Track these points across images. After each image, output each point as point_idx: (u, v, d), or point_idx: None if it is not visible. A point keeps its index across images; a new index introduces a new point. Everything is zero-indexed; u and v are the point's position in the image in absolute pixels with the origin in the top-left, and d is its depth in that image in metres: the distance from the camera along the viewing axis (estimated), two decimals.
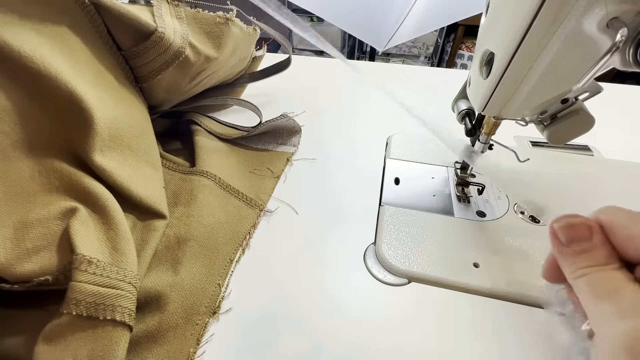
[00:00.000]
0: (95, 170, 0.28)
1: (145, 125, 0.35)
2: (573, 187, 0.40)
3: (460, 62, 2.07)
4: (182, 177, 0.37)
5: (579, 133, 0.28)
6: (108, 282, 0.23)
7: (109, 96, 0.31)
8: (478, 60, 0.27)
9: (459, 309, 0.28)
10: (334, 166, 0.44)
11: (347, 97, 0.60)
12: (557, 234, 0.17)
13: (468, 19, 0.50)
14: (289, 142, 0.46)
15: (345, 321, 0.28)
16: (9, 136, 0.25)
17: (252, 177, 0.41)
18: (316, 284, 0.30)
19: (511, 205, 0.37)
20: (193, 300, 0.28)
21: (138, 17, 0.31)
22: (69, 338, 0.21)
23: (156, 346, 0.25)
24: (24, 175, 0.26)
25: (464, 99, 0.36)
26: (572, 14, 0.19)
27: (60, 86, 0.26)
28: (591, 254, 0.16)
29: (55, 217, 0.25)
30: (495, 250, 0.32)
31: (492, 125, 0.32)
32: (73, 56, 0.28)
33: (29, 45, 0.25)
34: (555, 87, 0.24)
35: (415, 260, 0.31)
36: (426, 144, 0.46)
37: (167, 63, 0.34)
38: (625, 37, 0.17)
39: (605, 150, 0.47)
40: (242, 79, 0.51)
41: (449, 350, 0.26)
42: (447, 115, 0.39)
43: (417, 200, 0.38)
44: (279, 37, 0.47)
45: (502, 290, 0.29)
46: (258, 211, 0.36)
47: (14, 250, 0.23)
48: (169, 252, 0.31)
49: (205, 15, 0.37)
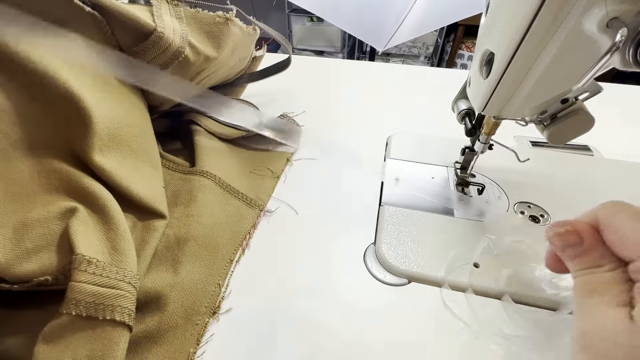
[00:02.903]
0: (95, 170, 0.28)
1: (145, 125, 0.35)
2: (573, 187, 0.40)
3: (460, 62, 2.07)
4: (182, 177, 0.37)
5: (579, 133, 0.28)
6: (108, 282, 0.23)
7: (108, 96, 0.31)
8: (478, 60, 0.27)
9: (459, 309, 0.28)
10: (334, 166, 0.44)
11: (347, 97, 0.60)
12: (552, 242, 0.18)
13: (468, 19, 0.50)
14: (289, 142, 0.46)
15: (345, 321, 0.28)
16: (8, 136, 0.25)
17: (252, 177, 0.41)
18: (316, 284, 0.30)
19: (511, 205, 0.37)
20: (193, 300, 0.28)
21: (137, 17, 0.31)
22: (68, 338, 0.21)
23: (156, 346, 0.25)
24: (24, 175, 0.26)
25: (464, 99, 0.36)
26: (572, 14, 0.19)
27: (59, 86, 0.26)
28: (583, 259, 0.17)
29: (54, 217, 0.25)
30: (495, 250, 0.32)
31: (492, 125, 0.32)
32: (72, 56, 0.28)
33: (28, 46, 0.25)
34: (555, 87, 0.24)
35: (415, 260, 0.31)
36: (426, 144, 0.46)
37: (167, 63, 0.34)
38: (625, 37, 0.17)
39: (605, 150, 0.47)
40: (242, 79, 0.51)
41: (449, 350, 0.26)
42: (447, 115, 0.39)
43: (417, 200, 0.38)
44: (279, 37, 0.47)
45: (502, 290, 0.29)
46: (258, 211, 0.36)
47: (14, 250, 0.23)
48: (169, 252, 0.31)
49: (204, 15, 0.37)
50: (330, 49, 2.19)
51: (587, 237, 0.17)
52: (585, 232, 0.17)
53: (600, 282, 0.16)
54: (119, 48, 0.32)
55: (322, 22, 2.06)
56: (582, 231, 0.17)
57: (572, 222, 0.18)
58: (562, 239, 0.17)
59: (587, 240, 0.17)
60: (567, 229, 0.17)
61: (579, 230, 0.17)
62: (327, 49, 2.19)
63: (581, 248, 0.17)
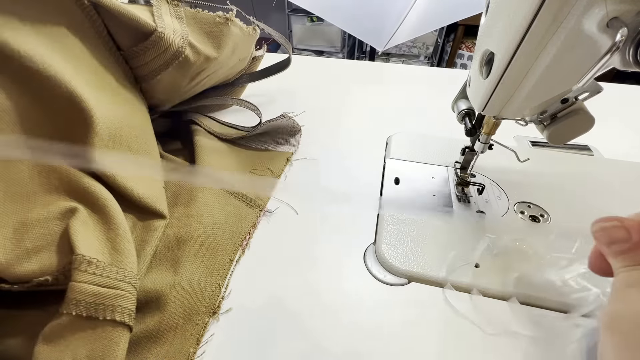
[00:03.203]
0: (95, 170, 0.28)
1: (145, 125, 0.35)
2: (573, 187, 0.40)
3: (460, 62, 2.07)
4: None
5: (579, 133, 0.28)
6: (108, 282, 0.23)
7: (109, 96, 0.31)
8: (478, 60, 0.27)
9: (459, 309, 0.28)
10: (334, 166, 0.44)
11: (347, 97, 0.60)
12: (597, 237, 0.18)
13: (468, 19, 0.50)
14: (289, 142, 0.46)
15: (345, 321, 0.28)
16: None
17: (252, 177, 0.41)
18: (316, 284, 0.30)
19: (511, 205, 0.37)
20: (193, 300, 0.28)
21: (137, 17, 0.31)
22: (68, 338, 0.21)
23: (156, 346, 0.25)
24: (24, 175, 0.26)
25: (464, 98, 0.36)
26: (572, 14, 0.19)
27: (60, 86, 0.26)
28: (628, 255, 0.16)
29: (54, 217, 0.25)
30: (495, 250, 0.32)
31: (492, 125, 0.32)
32: (73, 56, 0.28)
33: (28, 45, 0.25)
34: (555, 87, 0.24)
35: (415, 260, 0.31)
36: (426, 144, 0.46)
37: (167, 63, 0.34)
38: (625, 37, 0.17)
39: (605, 150, 0.47)
40: (242, 79, 0.51)
41: (449, 350, 0.26)
42: (447, 115, 0.39)
43: (417, 200, 0.38)
44: (279, 37, 0.47)
45: (502, 290, 0.29)
46: (258, 211, 0.36)
47: (14, 250, 0.23)
48: (169, 252, 0.31)
49: (205, 15, 0.37)
50: (330, 49, 2.19)
51: (635, 233, 0.16)
52: (633, 229, 0.16)
53: None
54: (115, 47, 0.32)
55: (322, 22, 2.07)
56: (630, 227, 0.16)
57: (619, 218, 0.17)
58: (609, 234, 0.17)
59: (635, 237, 0.16)
60: (615, 224, 0.17)
61: (627, 226, 0.17)
62: (327, 49, 2.19)
63: (628, 245, 0.16)
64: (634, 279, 0.16)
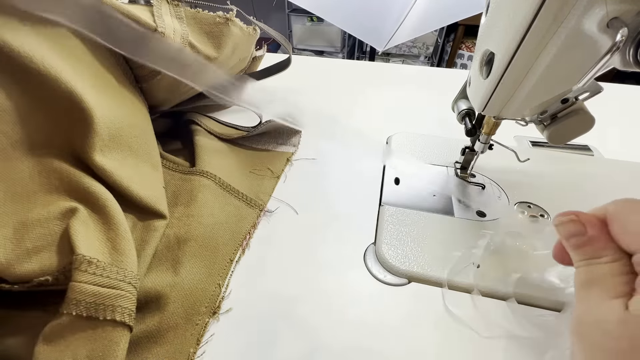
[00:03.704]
0: (95, 170, 0.28)
1: (145, 125, 0.35)
2: (573, 187, 0.40)
3: (460, 62, 2.07)
4: (182, 177, 0.37)
5: (579, 133, 0.28)
6: (108, 282, 0.23)
7: (109, 96, 0.31)
8: (478, 60, 0.27)
9: (459, 309, 0.28)
10: (334, 166, 0.44)
11: (347, 97, 0.60)
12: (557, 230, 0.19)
13: (468, 19, 0.50)
14: (289, 142, 0.46)
15: (345, 321, 0.28)
16: (8, 136, 0.25)
17: (252, 177, 0.41)
18: (316, 284, 0.30)
19: (511, 205, 0.37)
20: (193, 300, 0.28)
21: (138, 17, 0.31)
22: (68, 338, 0.21)
23: (156, 346, 0.25)
24: (24, 175, 0.26)
25: (464, 99, 0.36)
26: (572, 14, 0.19)
27: (61, 86, 0.26)
28: (584, 249, 0.17)
29: (55, 217, 0.25)
30: (495, 250, 0.32)
31: (492, 125, 0.32)
32: (73, 56, 0.28)
33: (29, 46, 0.25)
34: (555, 87, 0.24)
35: (415, 260, 0.31)
36: (426, 144, 0.46)
37: None
38: (625, 37, 0.17)
39: (605, 150, 0.47)
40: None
41: (449, 350, 0.26)
42: (447, 115, 0.39)
43: (417, 200, 0.38)
44: (279, 37, 0.47)
45: (502, 290, 0.29)
46: (258, 211, 0.36)
47: (14, 250, 0.23)
48: (169, 252, 0.31)
49: (205, 15, 0.37)
50: (330, 49, 2.19)
51: (590, 227, 0.17)
52: (589, 223, 0.17)
53: (599, 272, 0.16)
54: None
55: (322, 22, 2.06)
56: (586, 221, 0.17)
57: (577, 212, 0.18)
58: (566, 228, 0.18)
59: (590, 231, 0.17)
60: (571, 218, 0.18)
61: (582, 220, 0.17)
62: (327, 49, 2.19)
63: (583, 238, 0.17)
64: (592, 276, 0.16)
